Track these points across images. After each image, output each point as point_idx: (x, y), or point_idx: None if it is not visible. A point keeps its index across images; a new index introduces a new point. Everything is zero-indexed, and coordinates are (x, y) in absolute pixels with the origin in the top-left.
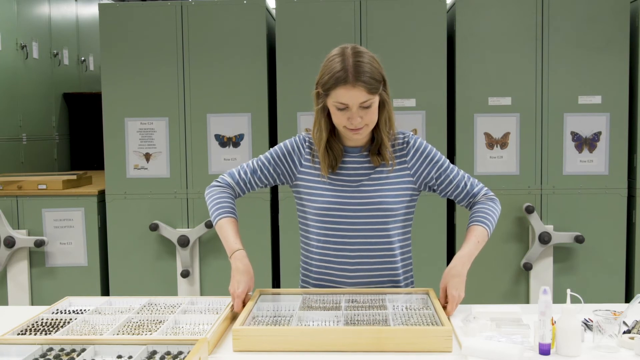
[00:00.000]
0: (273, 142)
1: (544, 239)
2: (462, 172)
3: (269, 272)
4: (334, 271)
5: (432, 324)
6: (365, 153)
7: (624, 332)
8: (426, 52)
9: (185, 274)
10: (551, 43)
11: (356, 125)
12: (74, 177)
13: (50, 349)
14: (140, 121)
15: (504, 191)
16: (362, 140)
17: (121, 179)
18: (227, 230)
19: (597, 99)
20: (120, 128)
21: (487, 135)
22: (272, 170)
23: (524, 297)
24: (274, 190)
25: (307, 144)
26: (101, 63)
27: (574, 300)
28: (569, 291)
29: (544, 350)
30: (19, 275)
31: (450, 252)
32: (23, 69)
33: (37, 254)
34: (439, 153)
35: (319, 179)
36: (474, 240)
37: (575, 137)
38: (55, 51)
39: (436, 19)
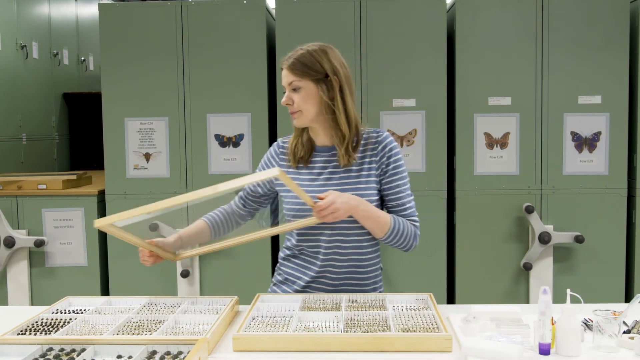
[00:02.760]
0: (273, 142)
1: (544, 239)
2: (411, 195)
3: (269, 272)
4: (309, 271)
5: (433, 324)
6: (334, 152)
7: (624, 332)
8: (426, 52)
9: (185, 274)
10: (551, 43)
11: (284, 103)
12: (74, 177)
13: (50, 349)
14: (140, 121)
15: (504, 191)
16: (327, 139)
17: (121, 179)
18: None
19: (597, 99)
20: (120, 128)
21: (487, 135)
22: (259, 184)
23: (524, 297)
24: None
25: (280, 149)
26: (101, 63)
27: (574, 300)
28: (568, 291)
29: (544, 350)
30: (19, 275)
31: (451, 253)
32: (23, 69)
33: (37, 254)
34: (404, 166)
35: (295, 179)
36: (382, 214)
37: (575, 137)
38: (55, 51)
39: (436, 19)
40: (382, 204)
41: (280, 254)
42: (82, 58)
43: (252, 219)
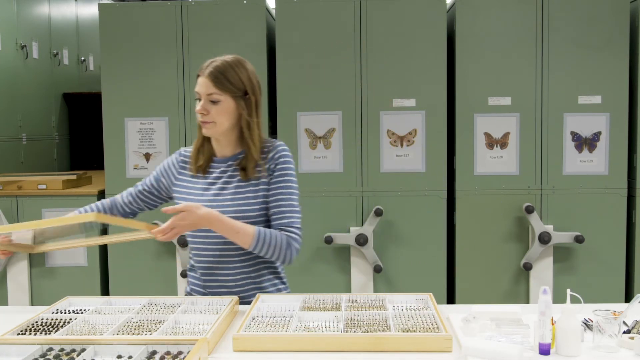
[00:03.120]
0: None
1: (544, 239)
2: (294, 206)
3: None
4: (209, 276)
5: (433, 324)
6: (230, 163)
7: (624, 332)
8: (426, 52)
9: (185, 274)
10: (551, 43)
11: (199, 112)
12: (74, 177)
13: (50, 349)
14: (140, 121)
15: (504, 191)
16: (228, 149)
17: (121, 179)
18: None
19: (597, 99)
20: (120, 128)
21: (487, 135)
22: (155, 184)
23: (524, 297)
24: None
25: (180, 157)
26: (101, 63)
27: (574, 300)
28: (568, 291)
29: (544, 350)
30: (19, 275)
31: (451, 253)
32: (23, 69)
33: (36, 254)
34: (292, 176)
35: (190, 187)
36: (238, 227)
37: (575, 137)
38: (55, 51)
39: (436, 19)
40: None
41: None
42: (82, 58)
43: (134, 217)
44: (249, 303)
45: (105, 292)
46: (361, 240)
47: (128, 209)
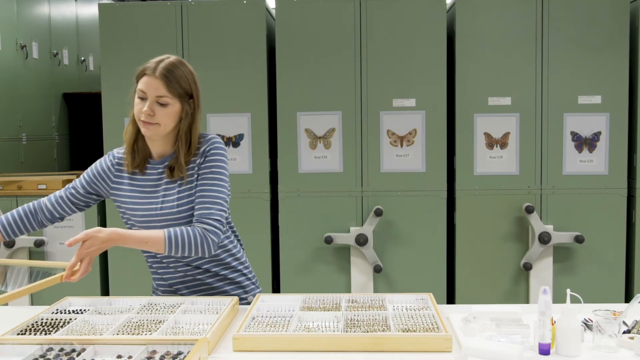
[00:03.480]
0: (273, 141)
1: (544, 238)
2: (218, 198)
3: (269, 272)
4: (160, 276)
5: (433, 324)
6: (159, 166)
7: (624, 332)
8: (426, 52)
9: None
10: (551, 43)
11: (146, 114)
12: (74, 177)
13: (50, 349)
14: None
15: (504, 191)
16: (164, 148)
17: None
18: None
19: (597, 99)
20: (120, 128)
21: (487, 135)
22: (87, 188)
23: (524, 297)
24: (274, 190)
25: (116, 160)
26: (101, 63)
27: (574, 300)
28: (568, 291)
29: (544, 350)
30: (19, 275)
31: (451, 253)
32: (23, 69)
33: (37, 254)
34: (220, 167)
35: (134, 189)
36: (145, 236)
37: (575, 137)
38: (55, 51)
39: (436, 19)
40: None
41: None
42: (82, 58)
43: (61, 221)
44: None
45: (105, 292)
46: (361, 240)
47: (57, 213)
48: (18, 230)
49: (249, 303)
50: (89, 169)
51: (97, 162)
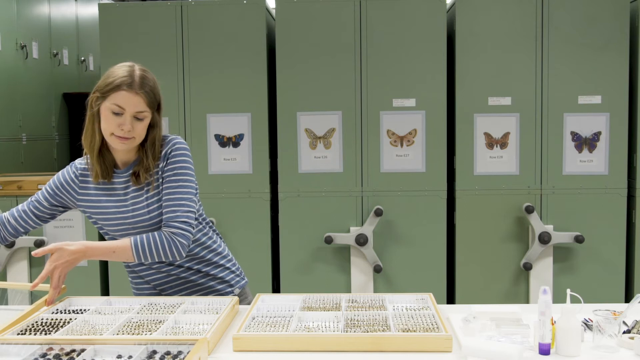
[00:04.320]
0: (273, 141)
1: (544, 239)
2: (182, 200)
3: (269, 272)
4: (142, 279)
5: (433, 324)
6: (124, 175)
7: (624, 332)
8: (426, 52)
9: None
10: (551, 43)
11: (126, 131)
12: None
13: (51, 349)
14: None
15: (504, 191)
16: (128, 156)
17: None
18: None
19: (597, 99)
20: None
21: (487, 135)
22: (52, 200)
23: (524, 297)
24: (274, 190)
25: (79, 172)
26: (101, 63)
27: (574, 300)
28: (568, 291)
29: (544, 350)
30: (19, 275)
31: (451, 253)
32: (23, 69)
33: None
34: (183, 168)
35: (93, 190)
36: (113, 246)
37: (575, 137)
38: (55, 51)
39: (436, 19)
40: None
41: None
42: (82, 58)
43: (25, 235)
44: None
45: (105, 292)
46: (361, 240)
47: (22, 228)
48: (10, 234)
49: (237, 296)
50: (50, 182)
51: (59, 173)
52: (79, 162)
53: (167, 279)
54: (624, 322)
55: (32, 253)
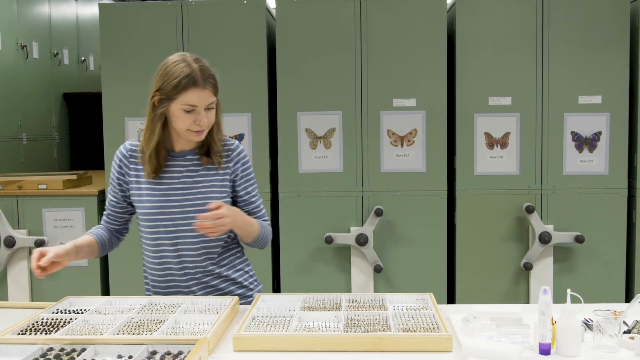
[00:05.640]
0: (273, 141)
1: (544, 238)
2: (260, 198)
3: (269, 272)
4: (173, 277)
5: (433, 324)
6: (189, 157)
7: (624, 332)
8: (426, 52)
9: None
10: (551, 43)
11: (202, 126)
12: (74, 177)
13: (51, 349)
14: (140, 121)
15: (504, 191)
16: (190, 144)
17: None
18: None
19: (597, 99)
20: (121, 128)
21: (487, 135)
22: (122, 194)
23: (524, 297)
24: (274, 190)
25: (129, 152)
26: (101, 63)
27: (574, 300)
28: (569, 291)
29: (544, 350)
30: (19, 275)
31: (451, 253)
32: (23, 69)
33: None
34: (253, 171)
35: (145, 185)
36: (253, 222)
37: (575, 137)
38: (55, 51)
39: (436, 19)
40: (234, 204)
41: (148, 265)
42: (82, 58)
43: (128, 232)
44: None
45: (105, 292)
46: (361, 240)
47: (124, 229)
48: (108, 247)
49: (250, 302)
50: (111, 177)
51: (112, 166)
52: (129, 144)
53: (190, 282)
54: (624, 322)
55: (209, 206)
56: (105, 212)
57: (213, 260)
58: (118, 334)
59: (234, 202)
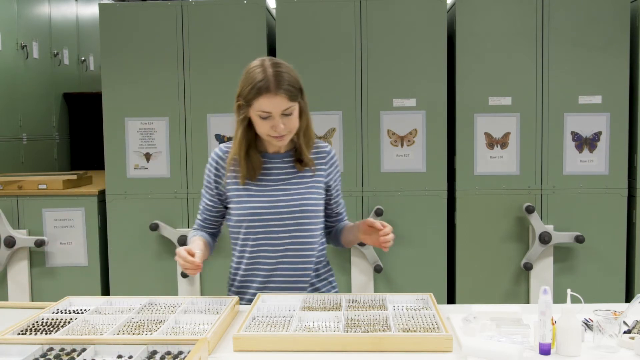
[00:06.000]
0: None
1: (544, 238)
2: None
3: None
4: (260, 278)
5: (433, 324)
6: (286, 159)
7: (624, 332)
8: (426, 52)
9: (186, 274)
10: (551, 43)
11: (280, 132)
12: (74, 177)
13: (51, 349)
14: (140, 121)
15: (504, 191)
16: (284, 146)
17: (121, 178)
18: (193, 241)
19: (597, 99)
20: (121, 128)
21: (487, 135)
22: (219, 198)
23: (524, 297)
24: None
25: (225, 155)
26: (101, 63)
27: (574, 300)
28: (569, 291)
29: (544, 350)
30: (19, 275)
31: (451, 253)
32: (23, 69)
33: (37, 254)
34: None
35: (243, 188)
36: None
37: (576, 137)
38: (55, 51)
39: (436, 19)
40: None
41: (239, 267)
42: (83, 58)
43: (220, 234)
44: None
45: (105, 292)
46: None
47: (214, 230)
48: (211, 250)
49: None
50: (206, 180)
51: (207, 168)
52: (225, 146)
53: (287, 278)
54: (624, 322)
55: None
56: (200, 217)
57: (306, 266)
58: (118, 334)
59: (327, 205)
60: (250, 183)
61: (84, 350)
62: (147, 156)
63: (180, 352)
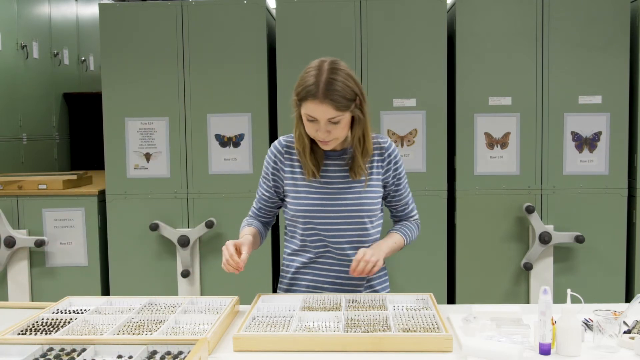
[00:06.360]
0: (273, 141)
1: (544, 239)
2: (410, 193)
3: (269, 273)
4: (318, 277)
5: (433, 324)
6: (345, 156)
7: (624, 332)
8: (426, 52)
9: (186, 274)
10: (551, 43)
11: (322, 138)
12: (74, 177)
13: (51, 349)
14: (140, 121)
15: (504, 191)
16: (343, 144)
17: (121, 179)
18: (242, 232)
19: (597, 99)
20: (121, 128)
21: (487, 135)
22: (276, 190)
23: (524, 297)
24: None
25: (284, 148)
26: (101, 63)
27: (574, 300)
28: (569, 291)
29: (544, 350)
30: (19, 275)
31: (451, 253)
32: (23, 69)
33: (37, 254)
34: (404, 169)
35: (302, 182)
36: (392, 242)
37: (576, 137)
38: (55, 51)
39: (436, 19)
40: (384, 202)
41: (292, 263)
42: (82, 58)
43: (273, 223)
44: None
45: (105, 292)
46: None
47: (268, 219)
48: (262, 240)
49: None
50: (265, 171)
51: (266, 160)
52: (285, 139)
53: (340, 280)
54: (624, 322)
55: (354, 260)
56: (255, 206)
57: None
58: (118, 334)
59: (387, 200)
60: (311, 190)
61: (84, 350)
62: (147, 156)
63: (180, 352)
